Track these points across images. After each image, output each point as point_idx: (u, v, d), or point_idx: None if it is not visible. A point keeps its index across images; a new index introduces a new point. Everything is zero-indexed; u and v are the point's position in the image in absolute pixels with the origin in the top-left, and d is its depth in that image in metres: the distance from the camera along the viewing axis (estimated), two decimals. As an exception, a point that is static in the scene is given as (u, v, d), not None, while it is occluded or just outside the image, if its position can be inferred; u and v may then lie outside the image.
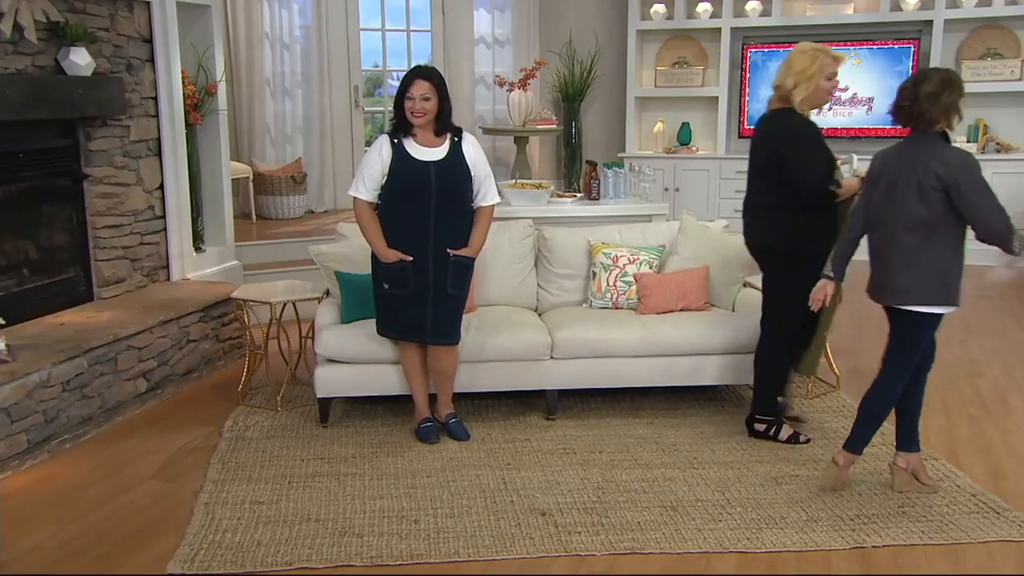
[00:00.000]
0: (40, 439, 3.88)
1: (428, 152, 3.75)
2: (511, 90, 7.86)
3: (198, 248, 5.74)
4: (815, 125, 3.75)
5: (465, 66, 8.80)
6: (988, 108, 7.71)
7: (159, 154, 5.30)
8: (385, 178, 3.76)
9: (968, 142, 7.67)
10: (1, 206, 4.40)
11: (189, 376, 4.87)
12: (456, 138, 3.81)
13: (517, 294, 4.63)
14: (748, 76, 8.35)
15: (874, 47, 7.93)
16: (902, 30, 7.95)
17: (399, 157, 3.74)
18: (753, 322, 4.23)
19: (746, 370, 4.22)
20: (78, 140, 4.75)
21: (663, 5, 8.54)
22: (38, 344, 4.04)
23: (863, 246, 3.44)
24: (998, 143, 7.67)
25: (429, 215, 3.73)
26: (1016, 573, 2.96)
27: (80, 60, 4.50)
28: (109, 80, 4.75)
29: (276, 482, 3.59)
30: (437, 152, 3.76)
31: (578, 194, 5.94)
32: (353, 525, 3.23)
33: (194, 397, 4.67)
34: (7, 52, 4.21)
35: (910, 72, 7.81)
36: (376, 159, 3.77)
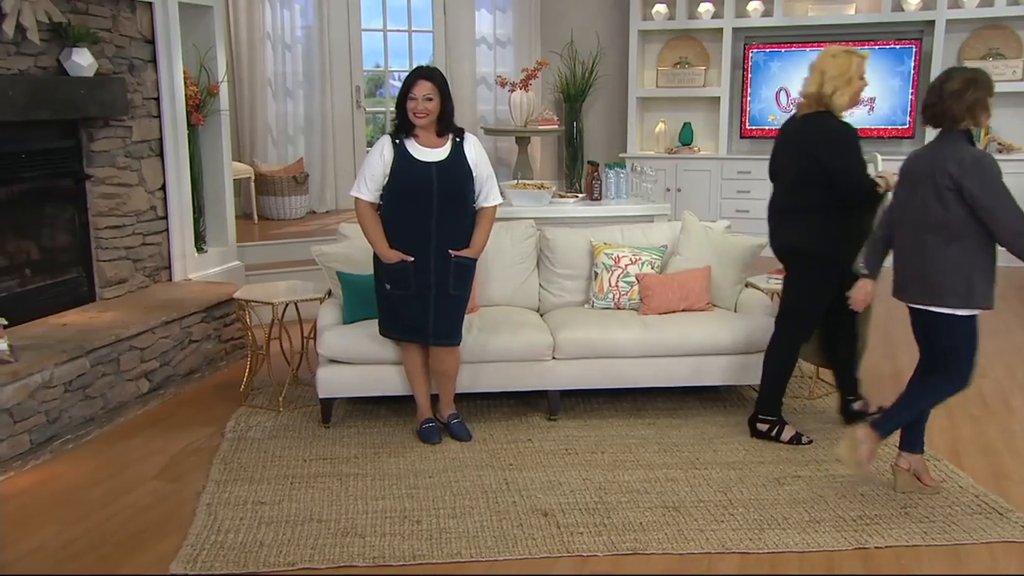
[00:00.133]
0: (43, 439, 3.89)
1: (430, 153, 3.74)
2: (513, 90, 7.85)
3: (200, 248, 5.74)
4: (852, 127, 3.75)
5: (467, 66, 8.79)
6: (990, 108, 7.71)
7: (161, 155, 5.30)
8: (387, 179, 3.76)
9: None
10: (4, 207, 4.41)
11: (191, 376, 4.88)
12: (458, 139, 3.80)
13: (519, 294, 4.63)
14: (750, 76, 8.34)
15: (876, 47, 7.91)
16: (904, 30, 7.95)
17: (401, 158, 3.74)
18: (755, 322, 4.23)
19: (748, 370, 4.23)
20: (80, 141, 4.76)
21: (665, 5, 8.53)
22: (40, 345, 4.05)
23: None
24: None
25: (431, 216, 3.72)
26: (1019, 574, 2.95)
27: (82, 61, 4.51)
28: (111, 81, 4.75)
29: (278, 482, 3.59)
30: (439, 153, 3.75)
31: (580, 194, 5.93)
32: (355, 525, 3.23)
33: (196, 397, 4.67)
34: (10, 53, 4.22)
35: (912, 73, 7.81)
36: (378, 160, 3.77)
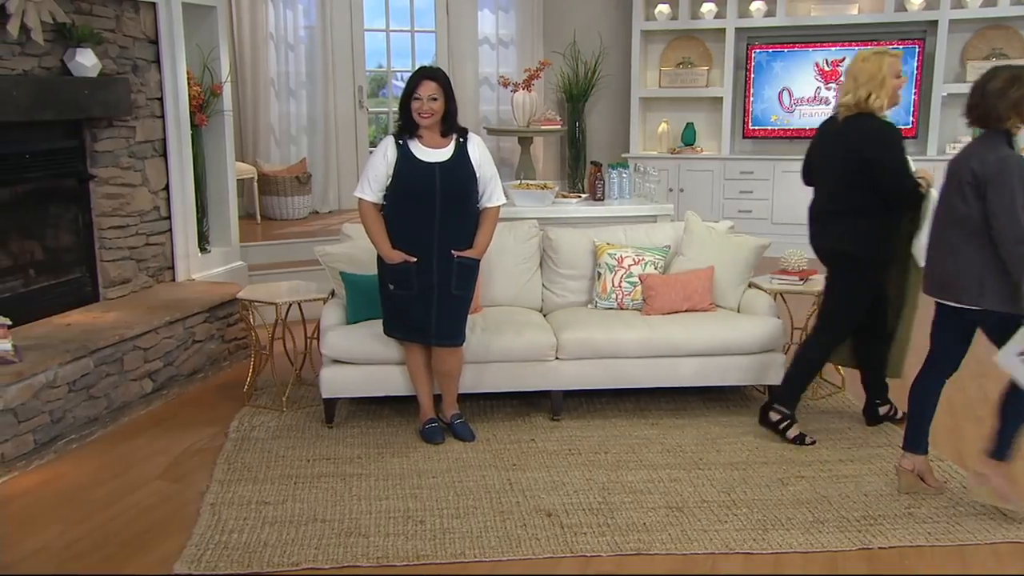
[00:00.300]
0: (46, 439, 3.89)
1: (433, 153, 3.74)
2: (515, 91, 7.84)
3: (203, 249, 5.75)
4: (896, 126, 3.77)
5: (469, 67, 8.79)
6: (993, 108, 7.70)
7: (164, 155, 5.30)
8: (390, 179, 3.76)
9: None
10: (7, 207, 4.41)
11: (195, 377, 4.88)
12: (462, 139, 3.80)
13: (522, 295, 4.62)
14: (752, 76, 8.33)
15: (879, 47, 7.89)
16: (907, 30, 7.93)
17: (404, 158, 3.74)
18: (758, 323, 4.24)
19: (751, 371, 4.24)
20: (84, 141, 4.76)
21: (667, 5, 8.52)
22: (44, 345, 4.05)
23: None
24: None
25: (434, 216, 3.72)
26: (1023, 574, 2.95)
27: (86, 61, 4.51)
28: (115, 81, 4.76)
29: (282, 482, 3.60)
30: (442, 153, 3.75)
31: (583, 195, 5.93)
32: (359, 525, 3.24)
33: (200, 398, 4.67)
34: (14, 53, 4.22)
35: (915, 73, 7.80)
36: (381, 160, 3.77)
